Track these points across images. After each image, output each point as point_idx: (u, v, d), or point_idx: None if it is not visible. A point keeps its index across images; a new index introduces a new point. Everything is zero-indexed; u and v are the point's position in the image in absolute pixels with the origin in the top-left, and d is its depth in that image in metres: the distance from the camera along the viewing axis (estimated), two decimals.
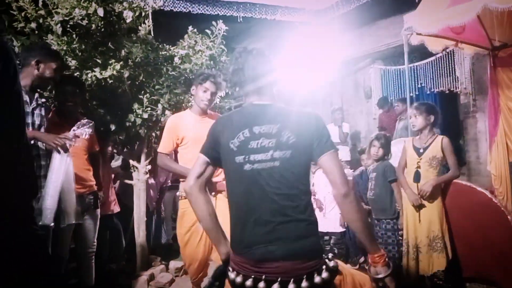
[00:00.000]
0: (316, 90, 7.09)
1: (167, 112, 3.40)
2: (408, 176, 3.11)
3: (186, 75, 3.52)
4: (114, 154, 4.19)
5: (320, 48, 6.05)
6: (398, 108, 5.88)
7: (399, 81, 6.51)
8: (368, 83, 7.26)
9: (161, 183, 4.51)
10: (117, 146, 4.10)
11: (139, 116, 3.36)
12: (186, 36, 3.71)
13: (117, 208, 3.63)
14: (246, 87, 1.54)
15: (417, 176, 3.04)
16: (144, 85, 3.48)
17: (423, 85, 6.05)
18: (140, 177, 3.72)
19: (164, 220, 4.68)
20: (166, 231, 4.62)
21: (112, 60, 3.19)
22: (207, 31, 3.73)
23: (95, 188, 2.93)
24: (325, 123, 1.54)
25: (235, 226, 1.50)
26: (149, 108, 3.40)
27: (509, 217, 2.88)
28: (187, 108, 3.26)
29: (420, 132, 3.10)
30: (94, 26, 3.12)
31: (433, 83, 5.91)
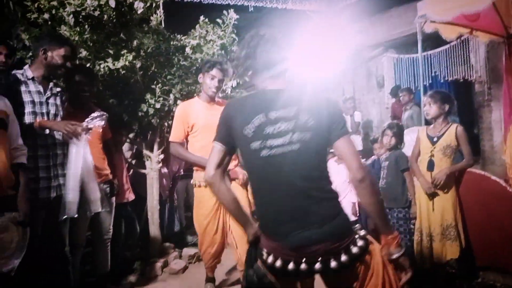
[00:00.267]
0: (327, 79, 7.04)
1: (179, 102, 3.42)
2: (422, 164, 3.08)
3: (197, 65, 3.52)
4: (126, 143, 4.21)
5: (332, 37, 5.99)
6: (404, 98, 5.81)
7: (412, 69, 6.43)
8: (380, 72, 7.19)
9: (173, 172, 4.55)
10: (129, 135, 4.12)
11: (151, 106, 3.39)
12: (197, 26, 3.72)
13: (132, 196, 3.65)
14: (259, 71, 1.51)
15: (430, 164, 3.01)
16: (156, 75, 3.50)
17: (437, 73, 5.97)
18: (153, 166, 3.76)
19: (177, 208, 4.72)
20: (179, 219, 4.67)
21: (124, 51, 3.22)
22: (218, 20, 3.73)
23: (110, 176, 2.97)
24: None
25: (264, 215, 1.50)
26: (161, 98, 3.43)
27: None
28: None
29: (434, 121, 3.06)
30: (106, 16, 3.15)
31: (447, 72, 5.83)
